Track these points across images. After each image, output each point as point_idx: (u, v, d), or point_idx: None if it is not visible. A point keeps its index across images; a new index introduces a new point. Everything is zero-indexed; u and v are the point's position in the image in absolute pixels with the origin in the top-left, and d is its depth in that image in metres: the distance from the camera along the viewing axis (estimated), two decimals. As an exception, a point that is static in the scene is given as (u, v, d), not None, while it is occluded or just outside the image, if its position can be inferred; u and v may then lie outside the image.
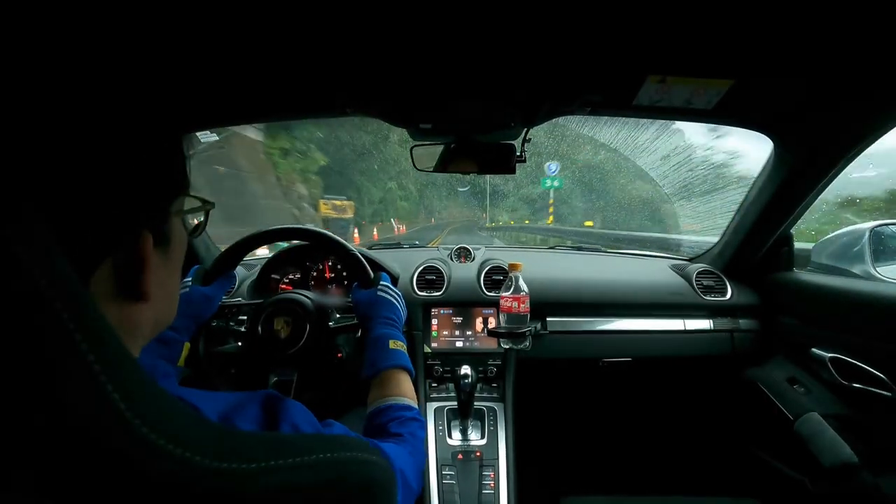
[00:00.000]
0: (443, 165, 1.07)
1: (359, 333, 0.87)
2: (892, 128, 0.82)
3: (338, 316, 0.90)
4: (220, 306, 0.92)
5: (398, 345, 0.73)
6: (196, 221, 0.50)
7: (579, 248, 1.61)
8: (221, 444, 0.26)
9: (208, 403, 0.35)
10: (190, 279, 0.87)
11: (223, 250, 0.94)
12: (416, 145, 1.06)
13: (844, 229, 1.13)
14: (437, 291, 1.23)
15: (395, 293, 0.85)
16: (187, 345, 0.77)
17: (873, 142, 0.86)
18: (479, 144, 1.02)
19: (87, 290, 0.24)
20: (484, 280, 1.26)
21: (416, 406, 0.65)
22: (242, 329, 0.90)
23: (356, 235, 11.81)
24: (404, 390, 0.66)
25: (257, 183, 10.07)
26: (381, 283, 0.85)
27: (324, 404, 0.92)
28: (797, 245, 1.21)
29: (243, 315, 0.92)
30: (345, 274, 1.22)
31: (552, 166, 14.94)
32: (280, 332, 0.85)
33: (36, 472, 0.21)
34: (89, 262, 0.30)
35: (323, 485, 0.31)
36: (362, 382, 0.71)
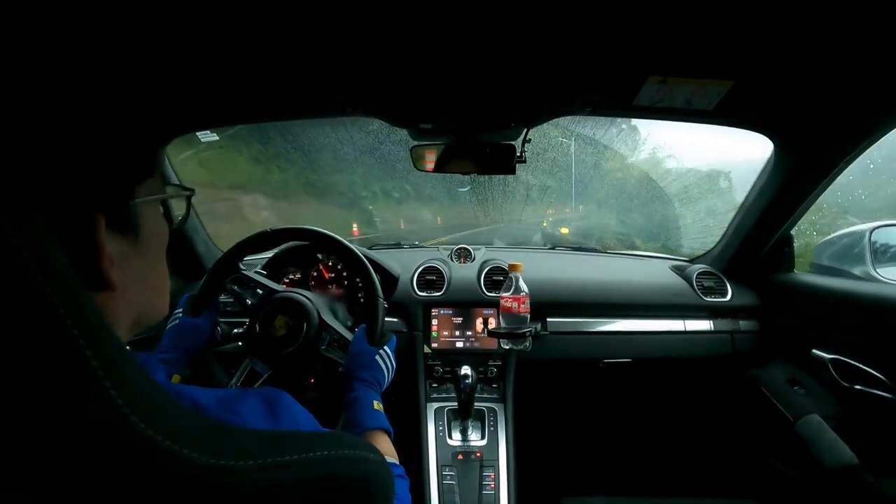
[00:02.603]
0: (442, 166, 1.07)
1: (340, 370, 0.86)
2: (892, 128, 0.82)
3: (331, 338, 0.89)
4: (240, 276, 0.93)
5: (380, 406, 0.73)
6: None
7: (579, 249, 1.60)
8: (219, 440, 0.26)
9: (205, 393, 0.35)
10: (180, 310, 0.87)
11: (219, 257, 0.94)
12: (415, 146, 1.06)
13: (845, 230, 1.13)
14: (437, 292, 1.23)
15: (392, 364, 0.84)
16: (177, 377, 0.77)
17: (874, 142, 0.85)
18: (480, 145, 1.02)
19: (83, 286, 0.24)
20: (484, 280, 1.26)
21: (400, 465, 0.65)
22: (249, 302, 0.91)
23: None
24: (388, 451, 0.67)
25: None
26: (386, 348, 0.84)
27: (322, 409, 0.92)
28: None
29: (260, 290, 0.93)
30: (345, 274, 1.21)
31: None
32: (277, 330, 0.85)
33: (34, 468, 0.21)
34: None
35: (321, 481, 0.31)
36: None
